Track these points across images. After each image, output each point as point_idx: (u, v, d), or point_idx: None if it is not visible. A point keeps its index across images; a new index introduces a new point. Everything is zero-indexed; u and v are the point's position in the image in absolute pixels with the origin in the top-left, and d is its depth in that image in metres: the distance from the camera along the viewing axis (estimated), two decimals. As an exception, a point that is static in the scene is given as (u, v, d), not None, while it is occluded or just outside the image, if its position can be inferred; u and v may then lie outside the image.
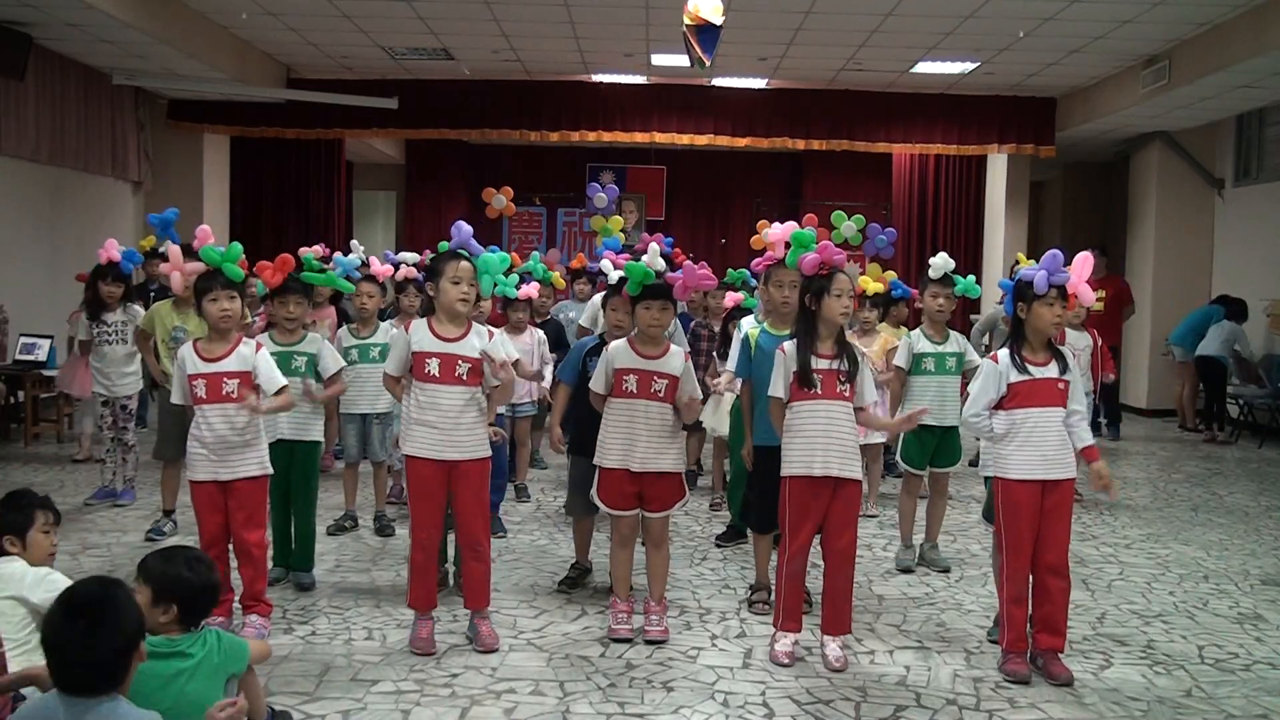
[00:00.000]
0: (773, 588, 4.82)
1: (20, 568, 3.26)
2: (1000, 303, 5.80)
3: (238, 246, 4.43)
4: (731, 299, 6.57)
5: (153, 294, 8.05)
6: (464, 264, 4.16)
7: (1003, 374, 4.08)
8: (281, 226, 13.41)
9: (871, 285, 6.91)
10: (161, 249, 6.57)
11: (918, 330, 5.60)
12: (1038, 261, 4.16)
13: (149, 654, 2.60)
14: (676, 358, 4.37)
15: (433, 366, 4.10)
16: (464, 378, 4.13)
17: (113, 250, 6.35)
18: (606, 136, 12.66)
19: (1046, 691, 3.93)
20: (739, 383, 4.90)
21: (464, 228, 4.35)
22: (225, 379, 4.19)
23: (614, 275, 4.95)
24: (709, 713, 3.68)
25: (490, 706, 3.68)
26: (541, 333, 6.82)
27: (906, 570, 5.51)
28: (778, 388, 4.19)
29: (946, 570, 5.52)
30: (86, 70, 10.53)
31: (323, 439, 5.26)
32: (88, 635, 2.39)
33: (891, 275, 7.28)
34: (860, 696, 3.85)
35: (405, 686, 3.82)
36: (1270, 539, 6.48)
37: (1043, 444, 4.01)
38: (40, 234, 9.98)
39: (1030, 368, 4.05)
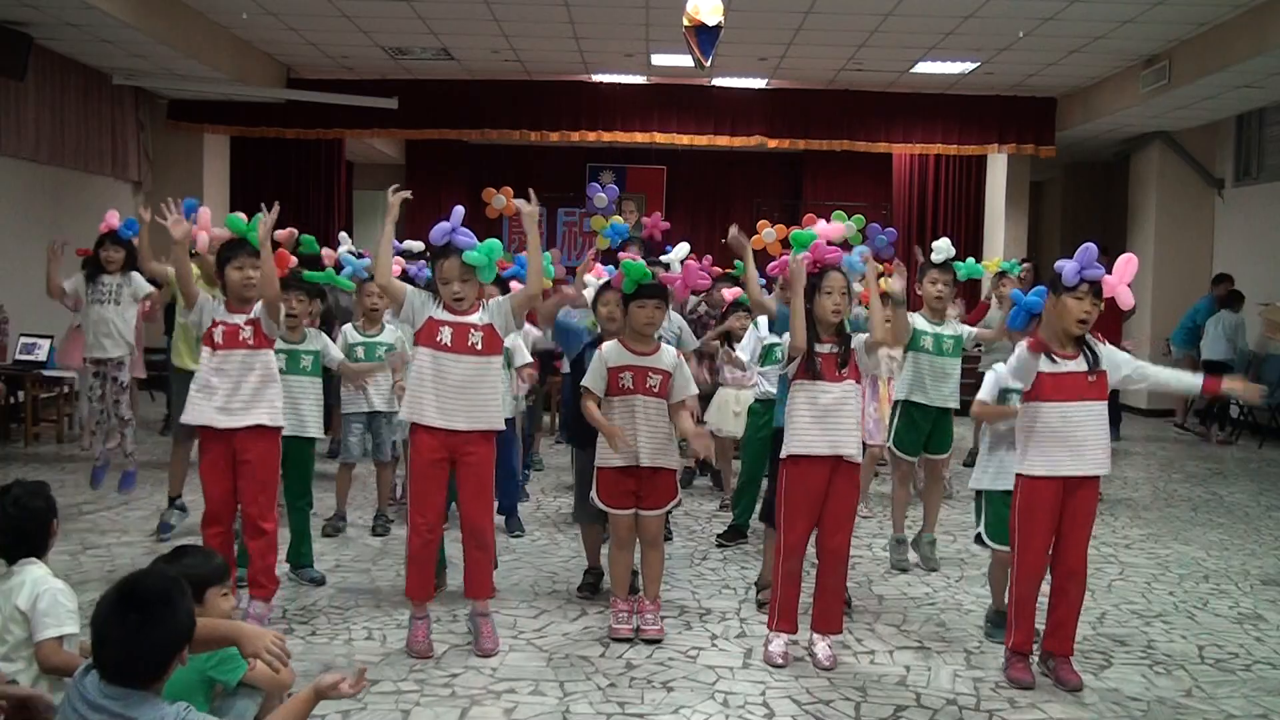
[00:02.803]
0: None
1: (40, 573, 3.09)
2: (1004, 312, 5.40)
3: (260, 216, 4.39)
4: (731, 294, 6.58)
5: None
6: (448, 262, 4.08)
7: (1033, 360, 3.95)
8: (281, 226, 13.34)
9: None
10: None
11: (917, 314, 5.48)
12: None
13: None
14: (669, 355, 4.39)
15: (445, 335, 4.07)
16: (477, 347, 4.09)
17: (112, 219, 6.62)
18: (606, 136, 12.66)
19: (1046, 692, 3.92)
20: (755, 376, 5.00)
21: (454, 217, 4.17)
22: (241, 328, 4.32)
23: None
24: (709, 713, 3.68)
25: (490, 706, 3.67)
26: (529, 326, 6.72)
27: (902, 569, 5.48)
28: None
29: (934, 570, 5.50)
30: (86, 70, 10.53)
31: (320, 436, 5.21)
32: (139, 630, 2.34)
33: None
34: (860, 696, 3.85)
35: (405, 686, 3.82)
36: (1270, 539, 6.48)
37: (1069, 439, 3.87)
38: (40, 234, 9.92)
39: (1057, 359, 3.92)
